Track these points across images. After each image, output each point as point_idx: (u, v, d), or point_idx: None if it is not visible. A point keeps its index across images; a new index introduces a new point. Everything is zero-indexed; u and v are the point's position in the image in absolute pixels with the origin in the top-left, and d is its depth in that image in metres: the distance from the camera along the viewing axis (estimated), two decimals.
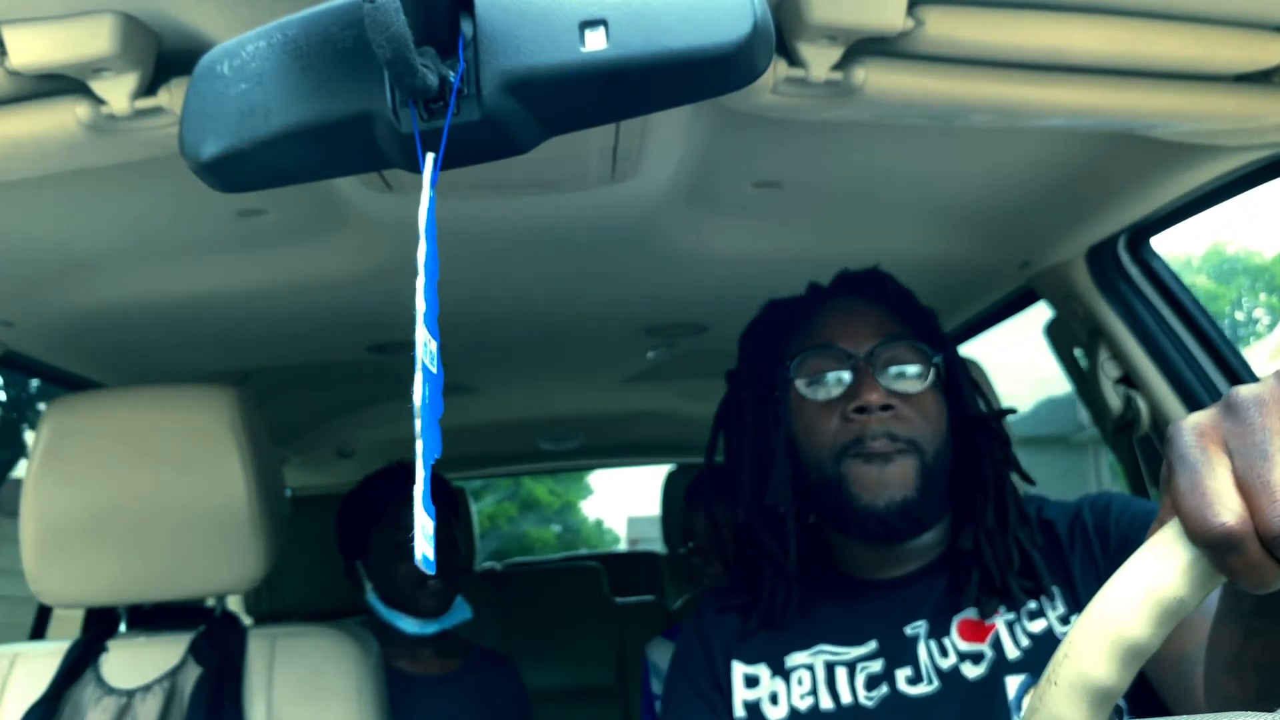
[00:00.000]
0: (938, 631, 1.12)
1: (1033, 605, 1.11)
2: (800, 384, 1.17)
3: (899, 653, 1.12)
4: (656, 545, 4.42)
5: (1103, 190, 1.41)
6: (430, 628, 1.90)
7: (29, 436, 7.74)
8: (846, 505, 1.12)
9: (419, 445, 0.49)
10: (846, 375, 1.14)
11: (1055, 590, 1.12)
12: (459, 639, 2.04)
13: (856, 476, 1.11)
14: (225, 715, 1.38)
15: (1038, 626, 1.10)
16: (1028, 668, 1.07)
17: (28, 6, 0.84)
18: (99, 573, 1.42)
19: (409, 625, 1.89)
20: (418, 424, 0.49)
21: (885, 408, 1.11)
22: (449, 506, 2.02)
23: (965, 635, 1.11)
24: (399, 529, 1.90)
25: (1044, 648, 1.08)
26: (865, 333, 1.16)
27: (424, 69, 0.47)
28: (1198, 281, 23.25)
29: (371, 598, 1.92)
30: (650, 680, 2.15)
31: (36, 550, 1.41)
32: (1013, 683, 1.07)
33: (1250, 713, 0.47)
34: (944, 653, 1.11)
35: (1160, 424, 1.56)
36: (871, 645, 1.14)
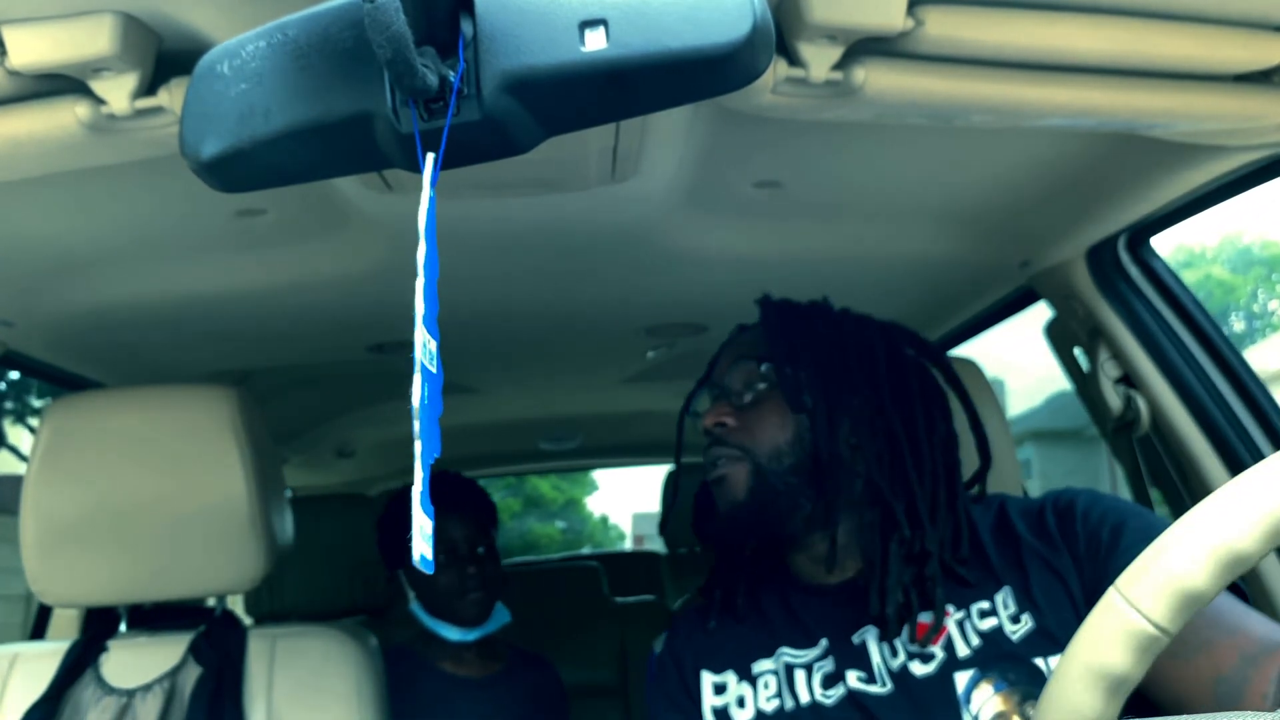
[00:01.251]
0: (888, 634, 1.14)
1: (984, 604, 1.12)
2: (697, 418, 1.29)
3: (849, 656, 1.15)
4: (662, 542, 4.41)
5: (1103, 190, 1.41)
6: (471, 635, 1.94)
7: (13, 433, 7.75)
8: (715, 511, 1.23)
9: (417, 446, 0.49)
10: (707, 402, 1.27)
11: (1007, 589, 1.12)
12: (500, 641, 2.09)
13: (712, 489, 1.23)
14: (225, 715, 1.38)
15: (988, 624, 1.11)
16: (977, 664, 1.09)
17: (28, 6, 0.84)
18: (99, 572, 1.42)
19: (451, 633, 1.93)
20: (416, 424, 0.49)
21: (720, 424, 1.22)
22: (488, 518, 2.05)
23: (915, 637, 1.13)
24: (438, 540, 1.93)
25: (994, 645, 1.09)
26: (726, 362, 1.27)
27: (424, 69, 0.47)
28: (1214, 272, 23.06)
29: (414, 606, 1.95)
30: None
31: (37, 550, 1.41)
32: (961, 678, 1.09)
33: (1250, 713, 0.47)
34: (894, 653, 1.13)
35: (1160, 424, 1.56)
36: (822, 645, 1.17)
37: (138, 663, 1.44)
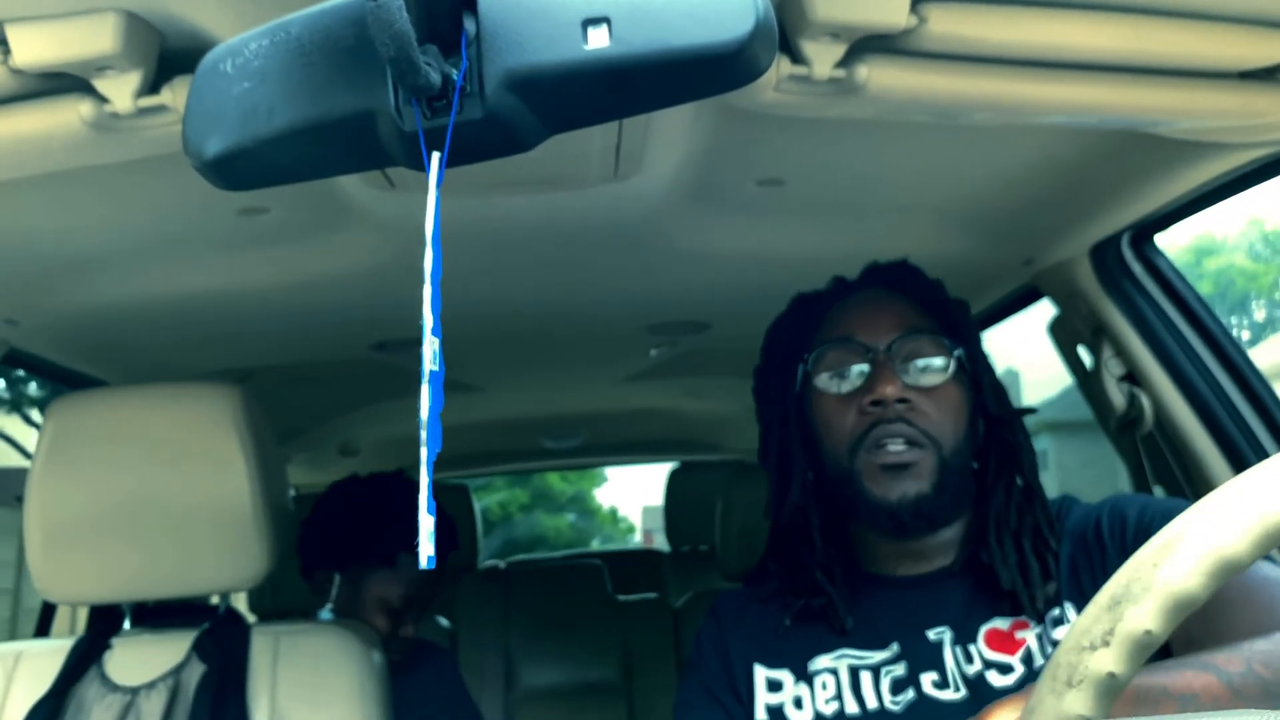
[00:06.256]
0: (963, 638, 1.10)
1: (1055, 612, 1.09)
2: (820, 377, 1.16)
3: (922, 657, 1.10)
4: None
5: (1106, 187, 1.41)
6: None
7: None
8: (858, 498, 1.12)
9: (424, 452, 0.49)
10: (865, 368, 1.14)
11: (1075, 600, 1.10)
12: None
13: (870, 472, 1.11)
14: (229, 712, 1.38)
15: (1062, 635, 1.08)
16: None
17: (31, 5, 0.84)
18: (103, 570, 1.42)
19: None
20: (423, 434, 0.49)
21: (902, 401, 1.10)
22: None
23: (993, 645, 1.09)
24: (407, 577, 1.86)
25: None
26: (886, 325, 1.15)
27: (427, 67, 0.47)
28: (1236, 260, 22.90)
29: (325, 614, 1.84)
30: None
31: (41, 548, 1.41)
32: None
33: (1251, 711, 0.47)
34: (969, 659, 1.09)
35: (1164, 422, 1.56)
36: (893, 649, 1.12)
37: (142, 660, 1.45)
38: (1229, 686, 0.64)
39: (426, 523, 0.48)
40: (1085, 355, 1.71)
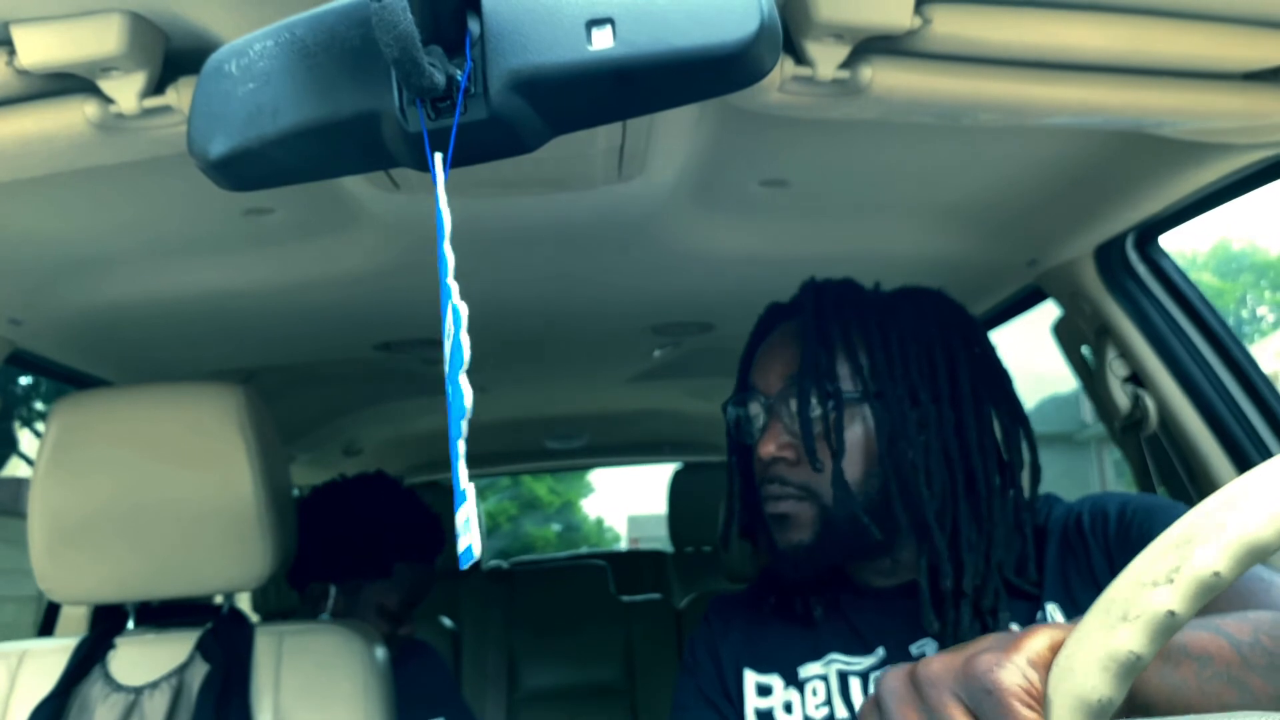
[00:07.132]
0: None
1: (1038, 616, 1.09)
2: (731, 426, 1.20)
3: None
4: (658, 544, 4.42)
5: (1110, 188, 1.41)
6: None
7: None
8: (769, 540, 1.16)
9: (458, 445, 0.49)
10: (761, 419, 1.16)
11: (1055, 604, 1.09)
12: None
13: (768, 519, 1.15)
14: (232, 712, 1.38)
15: None
16: None
17: (37, 6, 0.84)
18: (107, 570, 1.42)
19: None
20: (453, 428, 0.49)
21: (779, 458, 1.12)
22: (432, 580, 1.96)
23: None
24: (400, 587, 1.89)
25: None
26: (778, 372, 1.16)
27: (431, 68, 0.47)
28: (1203, 278, 23.27)
29: (326, 619, 1.86)
30: None
31: (44, 548, 1.41)
32: None
33: (1251, 712, 0.47)
34: None
35: (1168, 423, 1.56)
36: (879, 654, 1.13)
37: (145, 660, 1.45)
38: (1238, 653, 0.65)
39: (468, 514, 0.49)
40: (1089, 356, 1.71)
